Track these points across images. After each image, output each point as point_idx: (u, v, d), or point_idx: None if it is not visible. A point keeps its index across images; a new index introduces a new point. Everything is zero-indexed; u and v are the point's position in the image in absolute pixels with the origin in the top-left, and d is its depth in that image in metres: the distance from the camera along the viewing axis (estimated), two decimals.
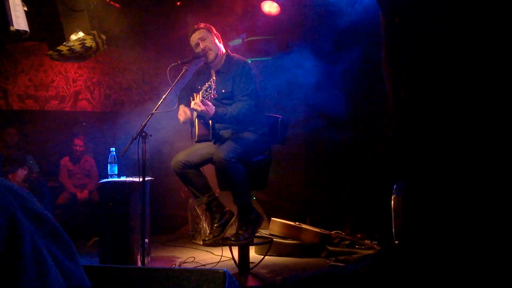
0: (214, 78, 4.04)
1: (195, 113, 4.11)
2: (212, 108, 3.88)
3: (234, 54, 4.35)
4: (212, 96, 3.84)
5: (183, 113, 4.20)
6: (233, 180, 3.92)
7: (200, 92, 3.91)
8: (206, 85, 3.92)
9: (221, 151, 3.90)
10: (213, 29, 4.29)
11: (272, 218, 5.39)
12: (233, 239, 4.06)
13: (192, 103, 3.92)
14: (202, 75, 4.34)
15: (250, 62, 4.41)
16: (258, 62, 5.81)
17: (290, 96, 5.87)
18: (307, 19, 5.87)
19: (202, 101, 3.84)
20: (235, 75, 4.13)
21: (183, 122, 4.22)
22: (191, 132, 4.27)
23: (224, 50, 4.29)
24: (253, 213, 4.12)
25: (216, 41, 4.23)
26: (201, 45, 4.19)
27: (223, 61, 4.24)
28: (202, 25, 4.28)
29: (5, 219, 0.74)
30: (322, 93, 5.63)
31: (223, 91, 4.13)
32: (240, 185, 3.97)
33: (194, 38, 4.24)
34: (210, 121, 4.04)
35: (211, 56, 4.19)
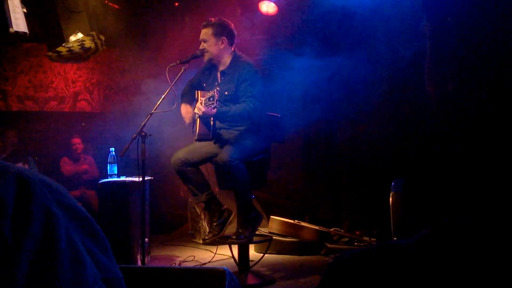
0: (218, 88, 3.96)
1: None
2: (213, 111, 3.86)
3: (241, 54, 4.25)
4: (213, 107, 3.81)
5: (187, 113, 4.21)
6: (237, 180, 3.94)
7: (203, 99, 3.90)
8: (210, 93, 3.86)
9: (225, 152, 3.91)
10: (225, 28, 4.14)
11: (271, 216, 5.41)
12: (234, 237, 4.09)
13: (196, 108, 3.94)
14: (208, 73, 4.30)
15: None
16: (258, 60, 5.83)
17: (290, 94, 5.89)
18: (305, 18, 5.89)
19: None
20: (239, 78, 4.08)
21: (188, 123, 4.23)
22: (193, 130, 4.28)
23: (231, 51, 4.18)
24: (253, 212, 4.14)
25: (219, 44, 4.11)
26: (201, 45, 4.19)
27: (229, 62, 4.17)
28: (214, 21, 4.15)
29: (42, 213, 0.77)
30: (322, 92, 5.66)
31: (226, 93, 4.10)
32: (243, 185, 4.00)
33: (201, 34, 4.17)
34: (212, 121, 4.05)
35: (205, 58, 4.16)
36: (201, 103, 3.89)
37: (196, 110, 3.94)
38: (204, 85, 4.25)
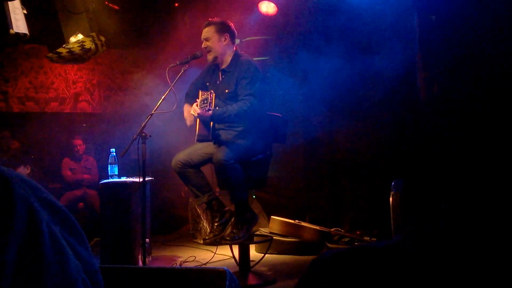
0: (212, 91, 3.97)
1: None
2: (207, 114, 3.86)
3: (242, 53, 4.29)
4: (206, 110, 3.81)
5: (188, 115, 4.18)
6: (231, 180, 3.96)
7: (198, 101, 3.90)
8: (205, 95, 3.89)
9: (220, 153, 3.92)
10: (227, 26, 4.19)
11: (272, 217, 5.42)
12: (228, 238, 4.10)
13: (192, 109, 3.94)
14: (211, 72, 4.32)
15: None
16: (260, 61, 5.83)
17: (290, 94, 5.90)
18: (304, 19, 5.90)
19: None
20: (238, 76, 4.10)
21: (189, 125, 4.22)
22: (195, 131, 4.29)
23: (232, 50, 4.21)
24: (248, 212, 4.15)
25: (222, 40, 4.14)
26: (204, 44, 4.19)
27: (229, 60, 4.20)
28: (215, 20, 4.19)
29: (25, 208, 0.78)
30: (323, 93, 5.66)
31: (227, 91, 4.12)
32: (238, 185, 4.00)
33: (203, 33, 4.19)
34: (211, 122, 4.06)
35: (210, 57, 4.17)
36: (197, 105, 3.90)
37: (191, 112, 3.95)
38: (208, 84, 4.27)
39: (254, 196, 5.62)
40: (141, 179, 4.04)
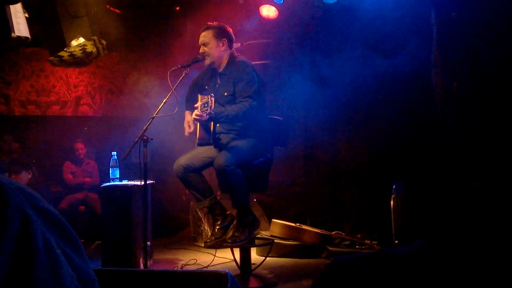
0: (212, 94, 3.97)
1: None
2: (205, 117, 3.86)
3: (238, 55, 4.29)
4: (207, 113, 3.81)
5: (187, 126, 4.21)
6: (232, 185, 3.96)
7: (199, 105, 3.90)
8: (205, 99, 3.89)
9: (221, 157, 3.92)
10: (225, 31, 4.20)
11: (272, 220, 5.42)
12: (229, 241, 4.10)
13: (193, 113, 3.94)
14: (209, 75, 4.33)
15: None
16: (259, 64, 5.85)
17: (291, 98, 5.91)
18: (305, 22, 5.91)
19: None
20: (235, 78, 4.10)
21: (187, 134, 4.23)
22: (196, 135, 4.29)
23: (228, 53, 4.23)
24: (250, 216, 4.15)
25: (220, 46, 4.16)
26: (201, 49, 4.22)
27: (226, 63, 4.21)
28: (213, 24, 4.20)
29: (18, 216, 0.77)
30: (324, 96, 5.67)
31: (225, 94, 4.12)
32: (239, 190, 4.00)
33: (200, 38, 4.20)
34: (211, 125, 4.06)
35: (207, 62, 4.18)
36: (197, 109, 3.90)
37: (193, 116, 3.96)
38: (206, 87, 4.27)
39: (255, 199, 5.62)
40: (143, 183, 4.05)
